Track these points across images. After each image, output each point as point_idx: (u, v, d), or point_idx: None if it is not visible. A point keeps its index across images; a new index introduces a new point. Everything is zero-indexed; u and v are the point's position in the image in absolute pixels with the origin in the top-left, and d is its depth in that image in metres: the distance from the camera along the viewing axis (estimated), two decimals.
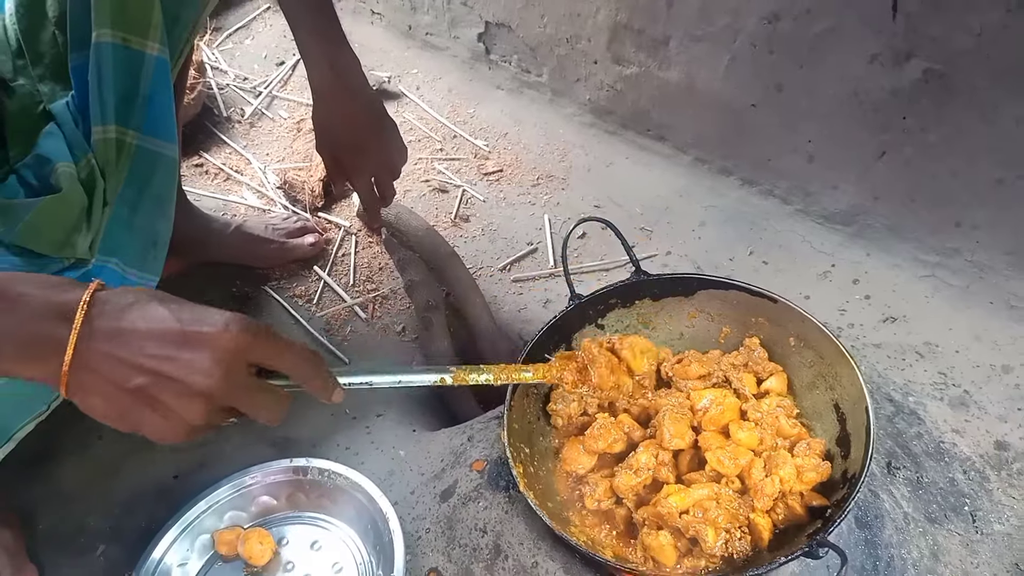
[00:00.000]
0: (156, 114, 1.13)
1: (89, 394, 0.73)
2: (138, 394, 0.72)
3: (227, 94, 2.26)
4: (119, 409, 0.74)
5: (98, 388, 0.72)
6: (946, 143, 1.43)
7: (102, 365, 0.71)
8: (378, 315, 1.71)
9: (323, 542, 1.28)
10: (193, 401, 0.74)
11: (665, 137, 1.90)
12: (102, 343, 0.71)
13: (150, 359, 0.72)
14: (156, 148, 1.16)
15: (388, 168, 1.46)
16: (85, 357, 0.71)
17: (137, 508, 1.39)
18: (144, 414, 0.74)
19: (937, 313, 1.54)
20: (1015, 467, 1.32)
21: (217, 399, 0.75)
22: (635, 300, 1.36)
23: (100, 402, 0.73)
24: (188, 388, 0.73)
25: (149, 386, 0.72)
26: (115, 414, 0.74)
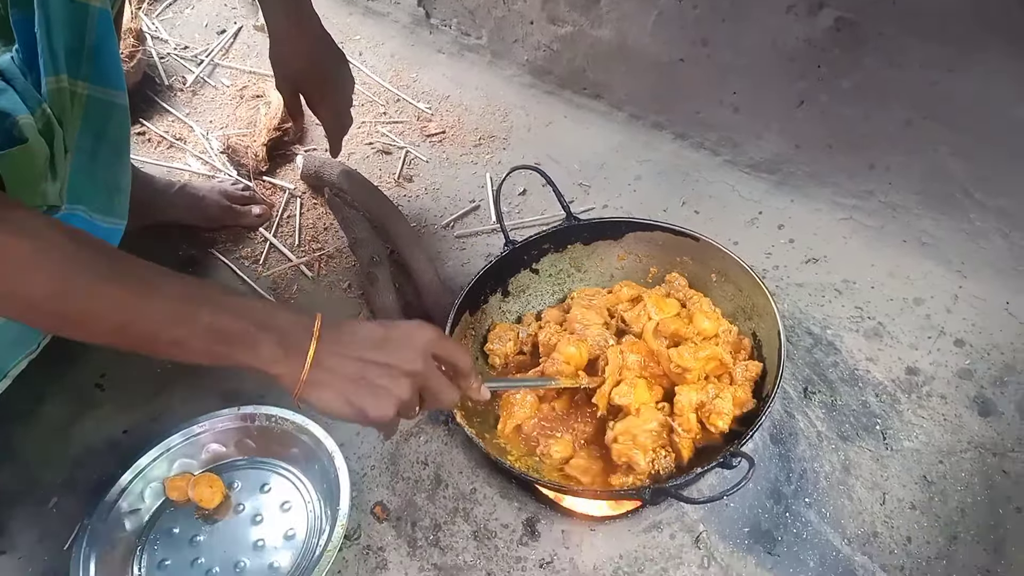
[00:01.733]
0: (103, 64, 1.18)
1: (322, 388, 0.88)
2: (360, 382, 0.89)
3: (168, 63, 2.26)
4: (345, 396, 0.89)
5: (329, 382, 0.88)
6: (858, 89, 1.50)
7: (332, 364, 0.88)
8: (324, 273, 1.75)
9: (272, 484, 1.33)
10: (402, 380, 0.90)
11: (601, 95, 1.96)
12: (331, 348, 0.89)
13: (368, 355, 0.90)
14: (107, 97, 1.21)
15: (345, 96, 1.57)
16: (320, 358, 0.88)
17: (88, 462, 1.42)
18: (365, 397, 0.89)
19: (855, 253, 1.62)
20: (925, 390, 1.41)
21: (419, 379, 0.92)
22: (567, 244, 1.43)
23: (330, 394, 0.89)
24: (398, 370, 0.90)
25: (368, 374, 0.89)
26: (342, 401, 0.89)
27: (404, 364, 0.91)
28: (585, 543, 1.17)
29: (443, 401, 0.98)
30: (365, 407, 0.89)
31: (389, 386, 0.90)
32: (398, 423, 0.96)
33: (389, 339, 0.92)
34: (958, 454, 1.32)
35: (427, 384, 0.94)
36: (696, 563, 1.14)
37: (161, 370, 1.56)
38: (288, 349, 0.87)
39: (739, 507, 1.18)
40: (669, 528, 1.16)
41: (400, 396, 0.91)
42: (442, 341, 0.97)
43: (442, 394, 0.97)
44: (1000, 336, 1.46)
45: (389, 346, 0.92)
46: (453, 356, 0.98)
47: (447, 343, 0.98)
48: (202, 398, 1.50)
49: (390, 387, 0.90)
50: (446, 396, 0.97)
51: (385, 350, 0.91)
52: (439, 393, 0.96)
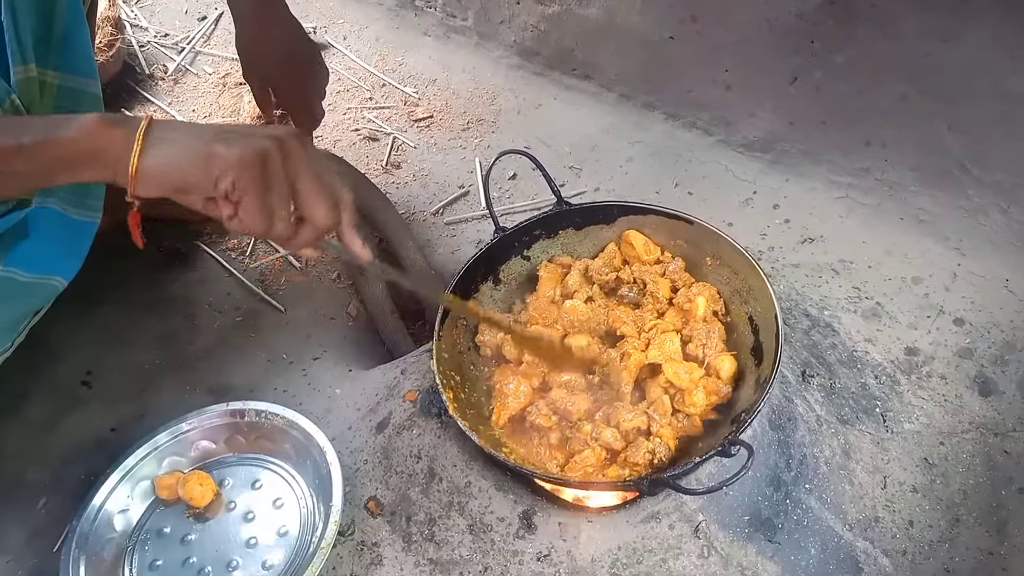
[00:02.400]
0: (73, 52, 1.15)
1: (164, 143, 0.80)
2: (212, 136, 0.80)
3: (148, 51, 2.22)
4: (194, 147, 0.80)
5: (173, 136, 0.80)
6: (852, 64, 1.47)
7: (176, 128, 0.81)
8: (312, 264, 1.72)
9: (264, 481, 1.31)
10: (265, 139, 0.81)
11: (590, 75, 1.92)
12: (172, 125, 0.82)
13: (224, 128, 0.82)
14: (78, 86, 1.17)
15: (317, 88, 1.49)
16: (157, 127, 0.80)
17: (76, 460, 1.39)
18: (218, 144, 0.79)
19: (851, 232, 1.60)
20: (924, 370, 1.39)
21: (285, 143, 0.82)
22: (559, 230, 1.40)
23: (174, 148, 0.80)
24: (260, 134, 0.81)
25: (222, 132, 0.81)
26: (190, 152, 0.80)
27: (267, 130, 0.83)
28: (583, 535, 1.15)
29: (324, 194, 0.85)
30: (218, 150, 0.79)
31: (247, 137, 0.81)
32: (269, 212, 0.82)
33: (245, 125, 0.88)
34: (959, 435, 1.31)
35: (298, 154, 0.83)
36: (696, 553, 1.12)
37: (148, 366, 1.54)
38: (115, 122, 0.81)
39: (738, 495, 1.16)
40: (668, 518, 1.13)
41: (263, 147, 0.80)
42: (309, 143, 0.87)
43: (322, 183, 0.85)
44: (1000, 314, 1.44)
45: (244, 128, 0.85)
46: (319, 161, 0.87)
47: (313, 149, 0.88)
48: (190, 393, 1.49)
49: (251, 139, 0.80)
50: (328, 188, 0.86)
51: (240, 128, 0.84)
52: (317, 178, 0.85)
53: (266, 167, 0.80)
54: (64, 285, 1.24)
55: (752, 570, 1.12)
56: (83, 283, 1.31)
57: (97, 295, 1.62)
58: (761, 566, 1.13)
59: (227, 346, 1.57)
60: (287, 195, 0.83)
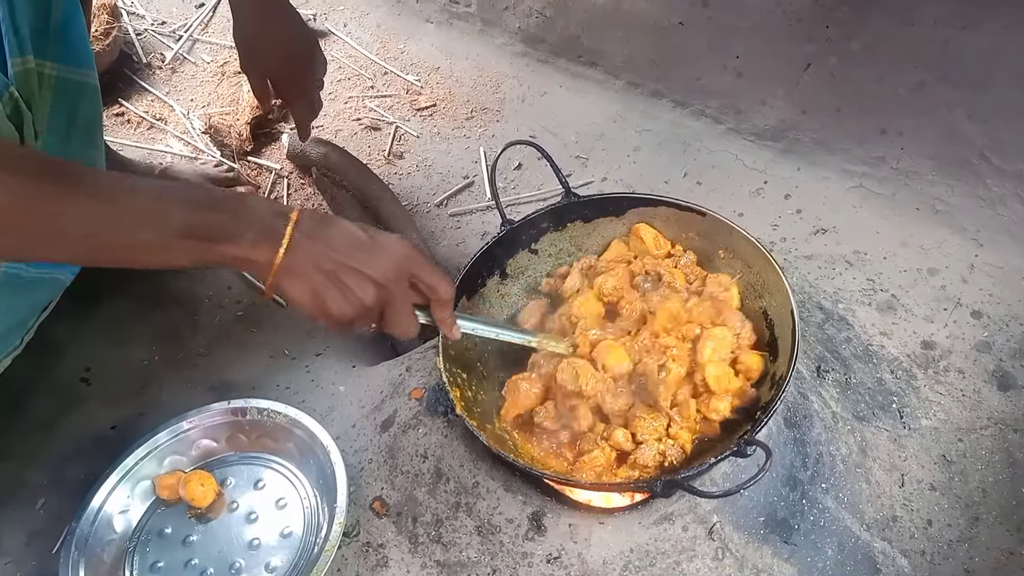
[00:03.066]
0: (71, 43, 1.14)
1: (293, 275, 0.88)
2: (330, 276, 0.89)
3: (145, 39, 2.18)
4: (313, 288, 0.89)
5: (300, 270, 0.88)
6: (868, 50, 1.43)
7: (307, 252, 0.88)
8: None
9: (267, 480, 1.28)
10: (369, 287, 0.91)
11: (597, 63, 1.89)
12: (308, 238, 0.88)
13: (343, 253, 0.90)
14: (77, 77, 1.17)
15: (315, 79, 1.46)
16: (295, 245, 0.87)
17: (76, 460, 1.37)
18: (331, 293, 0.90)
19: (865, 222, 1.56)
20: (942, 365, 1.36)
21: (385, 292, 0.92)
22: (567, 223, 1.36)
23: (300, 284, 0.89)
24: (368, 277, 0.90)
25: (339, 270, 0.89)
26: (310, 293, 0.89)
27: (376, 271, 0.91)
28: (594, 537, 1.12)
29: (401, 324, 0.96)
30: (328, 303, 0.90)
31: (355, 288, 0.90)
32: (352, 329, 0.96)
33: (367, 243, 0.92)
34: (978, 431, 1.28)
35: (392, 300, 0.93)
36: (710, 555, 1.09)
37: (148, 362, 1.52)
38: (266, 234, 0.87)
39: (754, 495, 1.13)
40: (681, 520, 1.11)
41: (363, 301, 0.91)
42: (421, 261, 0.96)
43: (403, 317, 0.96)
44: (1019, 306, 1.41)
45: (366, 249, 0.92)
46: (432, 279, 0.97)
47: (427, 265, 0.97)
48: (190, 391, 1.47)
49: (356, 290, 0.90)
50: (406, 322, 0.96)
51: (361, 252, 0.91)
52: (400, 315, 0.95)
53: (360, 316, 0.93)
54: (70, 279, 1.24)
55: (768, 572, 1.09)
56: (83, 279, 1.29)
57: (96, 290, 1.60)
58: (777, 568, 1.10)
59: (228, 342, 1.55)
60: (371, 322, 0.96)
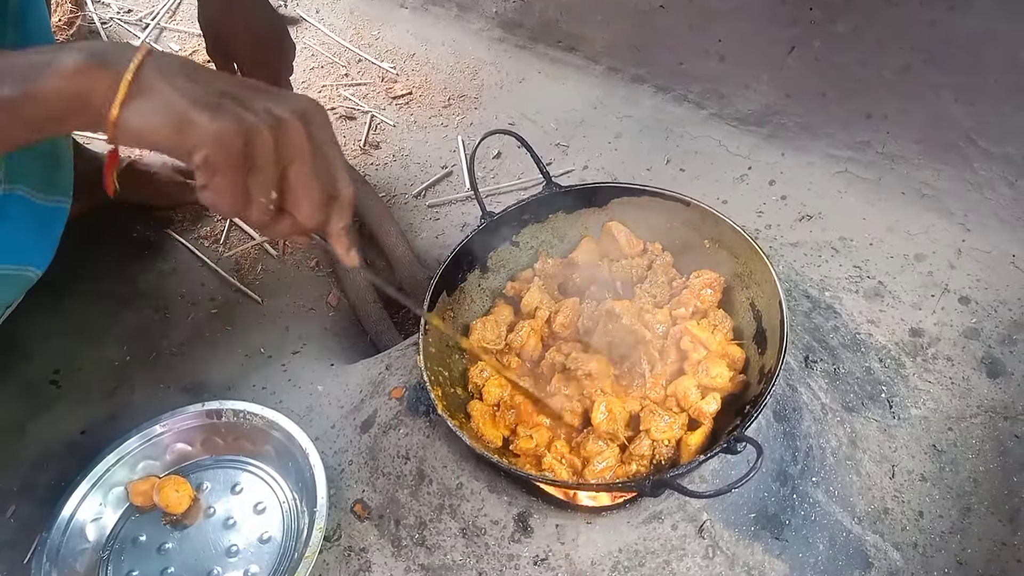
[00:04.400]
0: (31, 30, 1.10)
1: (147, 97, 0.67)
2: (202, 96, 0.67)
3: (111, 28, 2.12)
4: (176, 109, 0.67)
5: (159, 89, 0.67)
6: (854, 32, 1.41)
7: (168, 78, 0.67)
8: (289, 251, 1.65)
9: (244, 484, 1.25)
10: (263, 116, 0.69)
11: (576, 48, 1.85)
12: (168, 70, 0.68)
13: (222, 83, 0.69)
14: None
15: (284, 64, 1.41)
16: (148, 72, 0.67)
17: (46, 466, 1.34)
18: (203, 113, 0.67)
19: (851, 208, 1.54)
20: (930, 352, 1.34)
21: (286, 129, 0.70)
22: (549, 215, 1.33)
23: (155, 105, 0.67)
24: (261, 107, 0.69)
25: (215, 95, 0.68)
26: (170, 115, 0.67)
27: (269, 103, 0.71)
28: (581, 537, 1.09)
29: (309, 198, 0.73)
30: (200, 121, 0.67)
31: (238, 109, 0.68)
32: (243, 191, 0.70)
33: (253, 84, 0.73)
34: (968, 419, 1.26)
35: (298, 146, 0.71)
36: (700, 553, 1.07)
37: (119, 363, 1.48)
38: (103, 62, 0.67)
39: (744, 492, 1.10)
40: (671, 518, 1.08)
41: (253, 126, 0.68)
42: (324, 121, 0.75)
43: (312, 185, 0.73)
44: (1007, 292, 1.39)
45: (252, 87, 0.72)
46: (330, 149, 0.76)
47: (328, 129, 0.76)
48: (164, 392, 1.43)
49: (239, 111, 0.68)
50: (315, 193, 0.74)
51: (245, 86, 0.72)
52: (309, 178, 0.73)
53: (250, 149, 0.69)
54: (38, 275, 1.19)
55: (759, 570, 1.07)
56: (50, 275, 1.24)
57: (65, 288, 1.56)
58: (768, 565, 1.08)
59: (202, 340, 1.50)
60: (271, 182, 0.71)
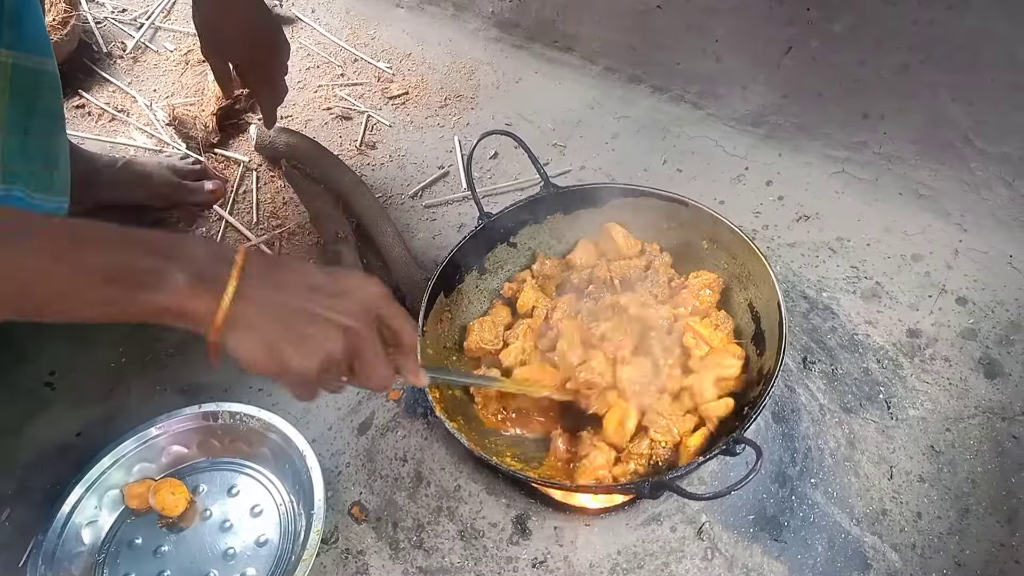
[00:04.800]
0: (27, 29, 1.11)
1: (243, 330, 0.74)
2: (288, 326, 0.76)
3: (106, 28, 2.11)
4: (267, 340, 0.75)
5: (251, 321, 0.75)
6: (851, 32, 1.41)
7: (258, 299, 0.75)
8: (285, 252, 1.64)
9: (241, 487, 1.24)
10: (334, 333, 0.78)
11: (573, 48, 1.84)
12: (258, 282, 0.76)
13: (301, 297, 0.78)
14: (34, 65, 1.13)
15: (280, 63, 1.41)
16: (243, 291, 0.74)
17: (42, 468, 1.33)
18: (290, 345, 0.76)
19: (848, 208, 1.54)
20: (928, 353, 1.34)
21: (354, 337, 0.79)
22: (547, 215, 1.33)
23: (252, 337, 0.75)
24: (333, 322, 0.78)
25: (298, 317, 0.77)
26: (264, 347, 0.75)
27: (341, 316, 0.78)
28: (580, 539, 1.09)
29: (374, 376, 0.83)
30: (288, 358, 0.76)
31: (318, 337, 0.77)
32: (317, 389, 0.82)
33: (329, 284, 0.81)
34: (965, 420, 1.26)
35: (362, 347, 0.80)
36: (699, 556, 1.07)
37: (115, 365, 1.47)
38: (204, 281, 0.73)
39: (743, 494, 1.10)
40: (669, 520, 1.08)
41: (329, 352, 0.78)
42: (390, 303, 0.85)
43: (376, 366, 0.82)
44: (1004, 292, 1.40)
45: (328, 292, 0.80)
46: (398, 322, 0.85)
47: (395, 307, 0.85)
48: (160, 394, 1.42)
49: (319, 338, 0.77)
50: (379, 371, 0.83)
51: (322, 296, 0.79)
52: (372, 363, 0.82)
53: (325, 371, 0.80)
54: None
55: (758, 571, 1.07)
56: None
57: None
58: (767, 566, 1.08)
59: (199, 342, 1.45)
60: (340, 379, 0.84)
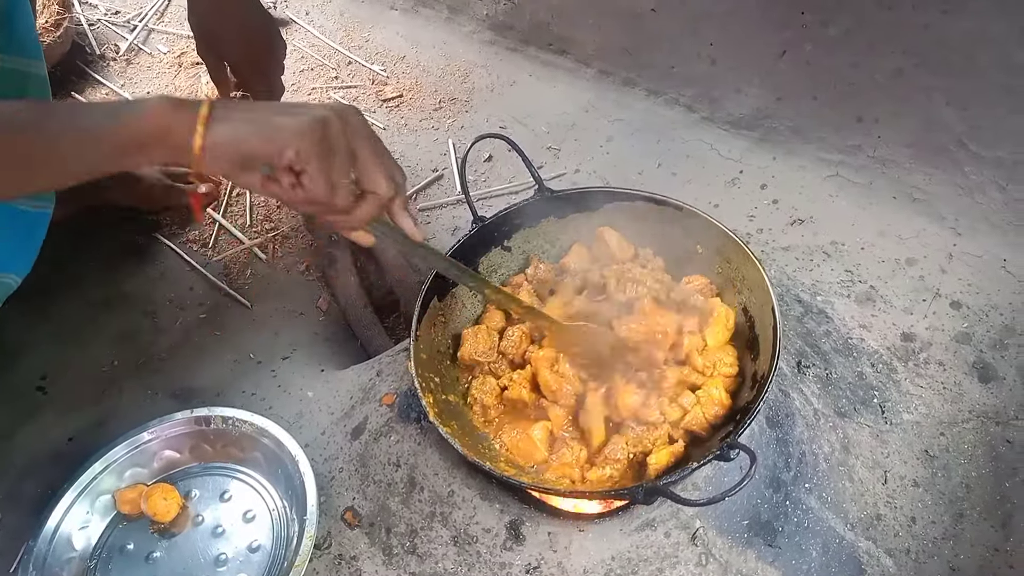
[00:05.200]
0: (17, 33, 1.13)
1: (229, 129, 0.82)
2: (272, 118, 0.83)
3: (99, 30, 2.13)
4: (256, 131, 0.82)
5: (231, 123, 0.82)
6: (846, 35, 1.42)
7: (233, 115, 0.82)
8: (279, 255, 1.64)
9: (233, 492, 1.25)
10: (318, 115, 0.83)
11: (567, 51, 1.86)
12: (229, 106, 0.83)
13: (271, 110, 0.85)
14: (22, 67, 1.16)
15: (276, 63, 1.42)
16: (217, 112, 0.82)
17: (33, 474, 1.34)
18: (278, 129, 0.82)
19: (842, 212, 1.55)
20: (922, 357, 1.34)
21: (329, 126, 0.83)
22: (540, 219, 1.33)
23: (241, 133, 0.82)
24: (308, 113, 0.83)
25: (280, 114, 0.83)
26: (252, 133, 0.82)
27: (315, 110, 0.84)
28: (574, 545, 1.09)
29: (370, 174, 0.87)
30: (279, 136, 0.81)
31: (300, 117, 0.83)
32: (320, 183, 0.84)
33: (295, 105, 0.89)
34: (959, 424, 1.27)
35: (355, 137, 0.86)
36: (693, 561, 1.06)
37: (107, 368, 1.48)
38: (180, 105, 0.83)
39: (737, 499, 1.10)
40: (663, 525, 1.08)
41: (312, 124, 0.82)
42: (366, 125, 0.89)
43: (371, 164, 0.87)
44: (998, 296, 1.40)
45: (295, 107, 0.86)
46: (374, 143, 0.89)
47: (367, 124, 0.90)
48: (152, 398, 1.43)
49: (301, 118, 0.83)
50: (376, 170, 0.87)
51: (290, 107, 0.87)
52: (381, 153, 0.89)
53: (328, 135, 0.83)
54: (18, 283, 1.21)
55: None
56: (36, 280, 1.25)
57: (51, 292, 1.56)
58: (761, 572, 1.08)
59: (191, 345, 1.50)
60: (348, 163, 0.85)
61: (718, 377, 1.13)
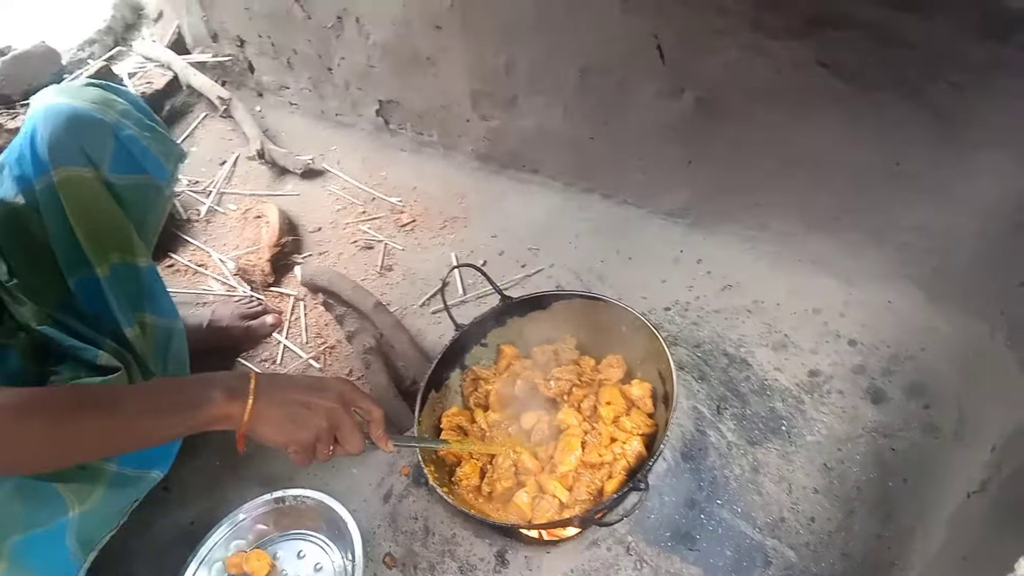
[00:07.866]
0: (159, 303, 1.59)
1: (262, 418, 1.17)
2: (291, 413, 1.19)
3: (184, 199, 2.62)
4: (279, 423, 1.18)
5: (267, 413, 1.17)
6: (730, 148, 1.78)
7: (269, 399, 1.18)
8: (329, 363, 2.07)
9: (306, 551, 1.66)
10: (320, 414, 1.20)
11: (538, 170, 2.27)
12: (268, 387, 1.19)
13: (297, 393, 1.21)
14: (168, 325, 1.60)
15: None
16: (259, 395, 1.18)
17: (168, 550, 1.72)
18: (292, 427, 1.18)
19: (761, 276, 1.89)
20: (825, 388, 1.67)
21: (333, 416, 1.20)
22: (507, 320, 1.74)
23: (267, 422, 1.17)
24: (319, 407, 1.20)
25: (296, 406, 1.19)
26: (277, 427, 1.18)
27: (324, 401, 1.20)
28: (544, 564, 1.47)
29: (351, 441, 1.23)
30: (293, 432, 1.18)
31: (310, 419, 1.19)
32: (313, 454, 1.22)
33: (313, 385, 1.24)
34: (854, 440, 1.58)
35: (340, 421, 1.21)
36: (631, 567, 1.43)
37: (212, 468, 1.89)
38: (235, 392, 1.16)
39: (659, 517, 1.47)
40: (605, 543, 1.45)
41: (318, 426, 1.19)
42: (357, 391, 1.26)
43: (351, 435, 1.22)
44: (887, 332, 1.72)
45: (313, 388, 1.22)
46: (363, 403, 1.26)
47: (358, 393, 1.27)
48: (246, 484, 1.82)
49: (310, 420, 1.19)
50: (354, 439, 1.23)
51: (309, 391, 1.21)
52: (351, 433, 1.22)
53: (318, 440, 1.21)
54: (161, 477, 1.57)
55: (678, 575, 1.43)
56: None
57: None
58: (685, 571, 1.43)
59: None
60: (329, 447, 1.23)
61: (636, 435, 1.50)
